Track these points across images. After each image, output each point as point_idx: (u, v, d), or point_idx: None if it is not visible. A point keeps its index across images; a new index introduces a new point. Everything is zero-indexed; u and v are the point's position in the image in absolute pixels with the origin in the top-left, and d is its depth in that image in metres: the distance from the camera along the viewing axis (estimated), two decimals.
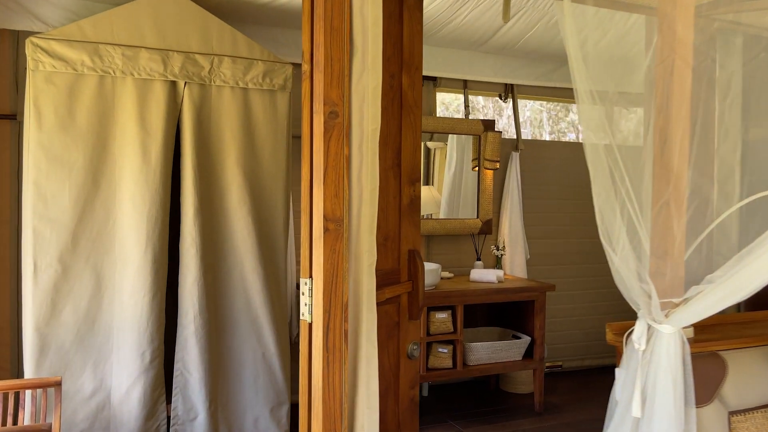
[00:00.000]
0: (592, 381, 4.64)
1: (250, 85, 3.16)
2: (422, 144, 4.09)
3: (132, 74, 2.92)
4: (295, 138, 3.86)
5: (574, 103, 5.10)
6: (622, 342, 1.87)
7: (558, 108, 5.89)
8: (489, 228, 4.37)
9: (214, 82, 3.09)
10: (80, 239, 2.87)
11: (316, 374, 1.46)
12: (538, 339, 3.93)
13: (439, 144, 4.23)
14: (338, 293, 1.45)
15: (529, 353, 3.98)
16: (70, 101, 2.84)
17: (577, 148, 4.80)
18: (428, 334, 3.65)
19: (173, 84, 3.02)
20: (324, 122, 1.43)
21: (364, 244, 1.52)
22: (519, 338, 4.01)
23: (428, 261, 4.30)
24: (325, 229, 1.44)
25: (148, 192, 2.94)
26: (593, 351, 4.91)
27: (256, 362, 3.21)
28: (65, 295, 2.85)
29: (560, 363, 4.78)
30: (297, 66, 3.82)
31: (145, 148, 2.94)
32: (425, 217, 4.16)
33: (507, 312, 4.23)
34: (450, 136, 4.22)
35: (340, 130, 1.45)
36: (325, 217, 1.44)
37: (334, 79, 1.44)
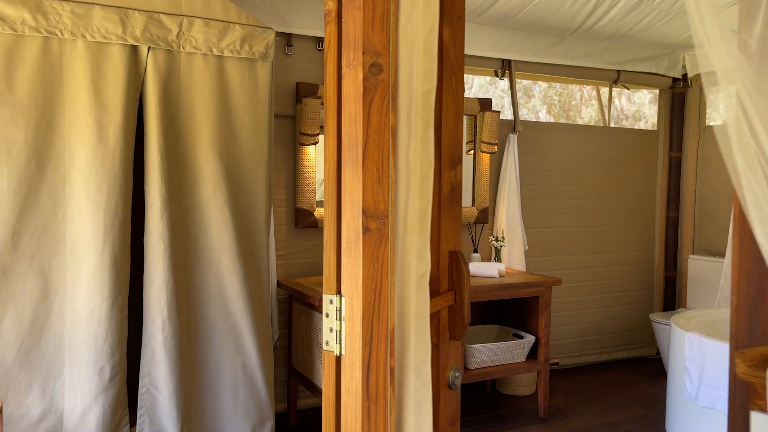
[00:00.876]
0: (591, 379, 4.36)
1: (226, 53, 2.70)
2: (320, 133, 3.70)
3: (83, 36, 2.43)
4: (276, 117, 3.42)
5: (572, 83, 4.80)
6: (764, 378, 1.41)
7: (573, 89, 5.56)
8: (485, 217, 4.01)
9: (184, 48, 2.62)
10: (22, 236, 2.38)
11: (350, 427, 1.06)
12: (542, 338, 3.60)
13: None
14: (382, 317, 1.05)
15: (532, 354, 3.65)
16: (8, 68, 2.34)
17: (576, 130, 4.48)
18: None
19: (134, 49, 2.54)
20: (363, 79, 1.02)
21: (413, 247, 1.12)
22: (521, 337, 3.68)
23: None
24: (365, 229, 1.03)
25: (106, 179, 2.47)
26: (590, 347, 4.63)
27: (236, 374, 2.78)
28: (5, 302, 2.37)
29: (557, 360, 4.48)
30: (278, 34, 3.37)
31: (100, 125, 2.46)
32: None
33: (506, 308, 3.89)
34: None
35: (385, 90, 1.04)
36: (364, 212, 1.03)
37: (377, 18, 1.03)
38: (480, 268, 3.61)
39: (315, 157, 3.52)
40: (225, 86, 2.72)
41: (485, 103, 3.96)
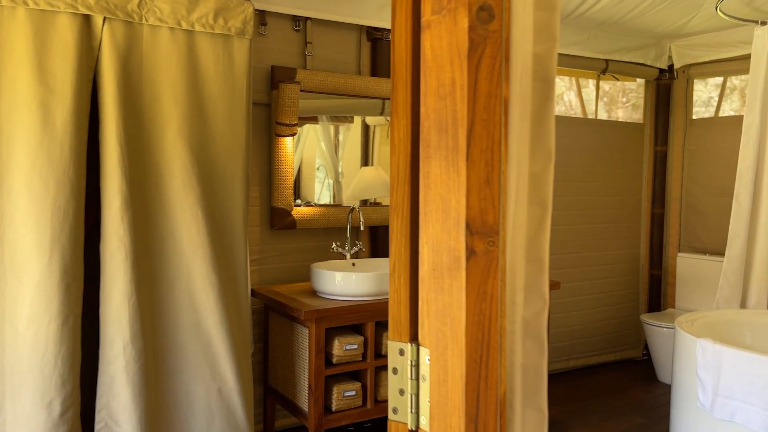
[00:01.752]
0: (583, 385, 4.14)
1: (197, 27, 2.30)
2: (360, 120, 3.37)
3: (25, 3, 2.01)
4: (255, 105, 3.03)
5: (561, 73, 4.53)
6: None
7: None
8: None
9: (146, 20, 2.21)
10: None
11: None
12: None
13: (378, 119, 3.46)
14: (491, 381, 0.72)
15: None
16: None
17: (565, 122, 4.24)
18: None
19: (86, 19, 2.13)
20: (469, 29, 0.68)
21: (520, 275, 0.79)
22: None
23: None
24: (470, 253, 0.70)
25: (53, 174, 2.05)
26: (578, 350, 4.41)
27: (210, 401, 2.40)
28: None
29: None
30: (256, 11, 2.98)
31: (46, 110, 2.04)
32: (372, 202, 3.43)
33: None
34: None
35: (497, 47, 0.70)
36: (469, 226, 0.70)
37: None
38: None
39: (293, 149, 3.15)
40: (196, 66, 2.33)
41: None
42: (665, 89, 4.67)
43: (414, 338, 0.79)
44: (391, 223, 0.80)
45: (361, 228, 3.02)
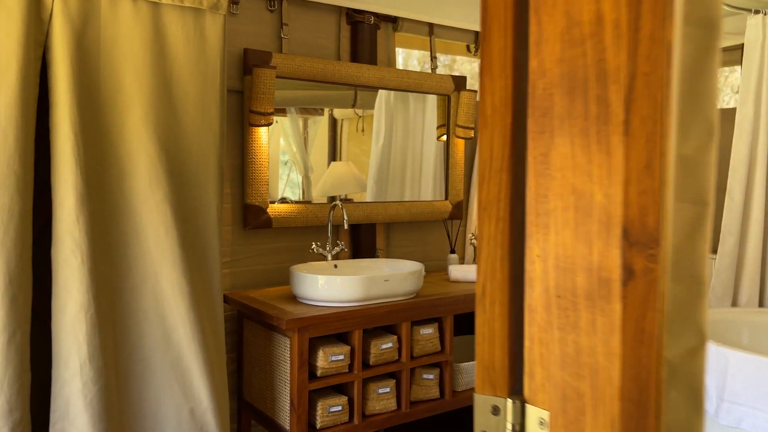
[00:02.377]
0: None
1: None
2: (328, 113, 3.12)
3: None
4: (237, 93, 2.74)
5: None
6: None
7: None
8: (460, 212, 3.51)
9: None
10: None
11: None
12: None
13: (347, 112, 3.20)
14: None
15: None
16: None
17: None
18: (412, 357, 2.74)
19: None
20: None
21: (670, 298, 0.56)
22: None
23: (390, 256, 3.38)
24: (627, 273, 0.47)
25: None
26: None
27: (182, 424, 2.13)
28: None
29: None
30: None
31: None
32: (343, 198, 3.18)
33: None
34: (379, 98, 3.22)
35: None
36: (626, 234, 0.46)
37: None
38: (465, 273, 3.11)
39: (268, 141, 2.88)
40: (163, 44, 2.04)
41: (460, 82, 3.45)
42: None
43: (515, 392, 0.55)
44: (480, 228, 0.57)
45: (345, 226, 2.77)
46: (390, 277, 2.59)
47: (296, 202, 3.02)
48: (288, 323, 2.32)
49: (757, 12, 3.45)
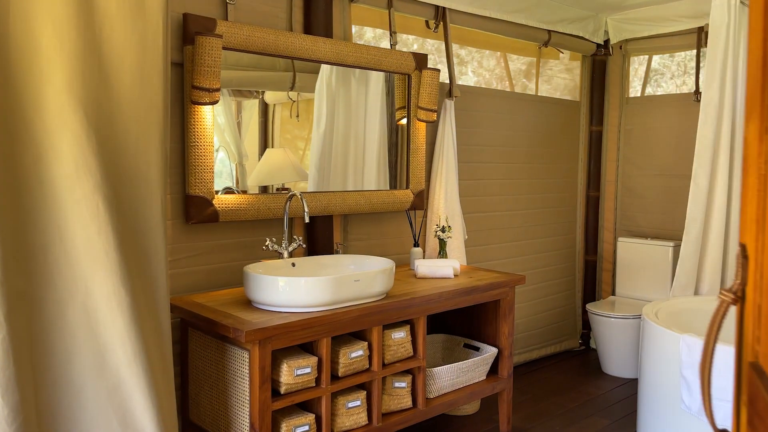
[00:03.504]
0: (531, 385, 3.82)
1: None
2: (259, 96, 2.74)
3: None
4: (175, 65, 2.33)
5: (502, 48, 4.13)
6: None
7: None
8: (421, 202, 3.24)
9: None
10: None
11: None
12: (506, 349, 2.94)
13: (280, 96, 2.83)
14: None
15: (493, 369, 2.98)
16: None
17: (511, 98, 3.86)
18: (383, 364, 2.45)
19: None
20: None
21: None
22: (476, 349, 2.99)
23: (347, 251, 3.07)
24: None
25: None
26: (520, 345, 4.10)
27: None
28: None
29: None
30: None
31: None
32: (281, 187, 2.83)
33: (452, 312, 3.18)
34: (320, 81, 2.88)
35: None
36: None
37: None
38: (432, 268, 2.85)
39: (214, 121, 2.50)
40: (92, 1, 1.64)
41: (421, 60, 3.16)
42: (601, 65, 4.44)
43: None
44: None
45: (306, 219, 2.44)
46: (360, 276, 2.29)
47: (245, 193, 2.65)
48: (249, 335, 1.97)
49: None
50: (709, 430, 2.62)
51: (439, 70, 3.13)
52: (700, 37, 3.95)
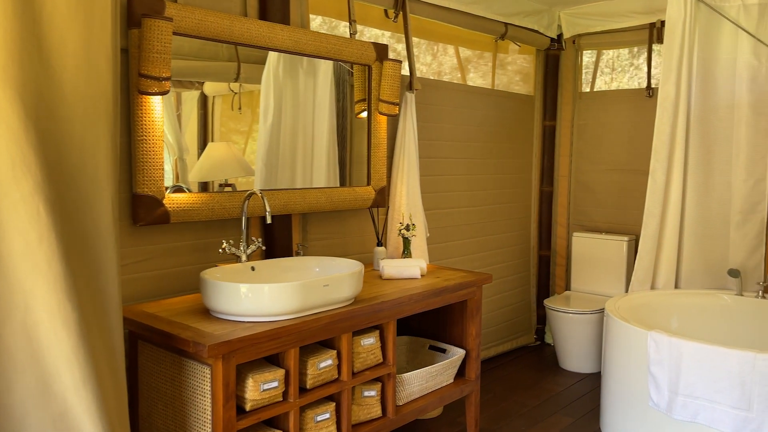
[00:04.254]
0: (491, 383, 3.77)
1: None
2: (200, 87, 2.52)
3: None
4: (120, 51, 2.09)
5: (460, 42, 4.03)
6: None
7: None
8: (383, 199, 3.10)
9: None
10: None
11: None
12: (473, 350, 2.85)
13: (220, 88, 2.63)
14: None
15: (459, 371, 2.89)
16: None
17: (469, 92, 3.77)
18: (353, 373, 2.30)
19: None
20: None
21: None
22: (443, 351, 2.89)
23: (309, 252, 2.90)
24: None
25: None
26: (488, 339, 4.03)
27: None
28: None
29: None
30: None
31: None
32: (224, 183, 2.63)
33: (417, 313, 3.06)
34: (267, 71, 2.68)
35: None
36: None
37: None
38: (399, 269, 2.72)
39: (163, 113, 2.28)
40: None
41: (382, 50, 3.02)
42: (554, 60, 4.42)
43: None
44: None
45: (268, 219, 2.26)
46: (329, 281, 2.13)
47: (199, 192, 2.45)
48: (212, 349, 1.79)
49: None
50: (675, 426, 2.62)
51: (401, 62, 2.99)
52: (651, 33, 3.98)
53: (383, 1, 3.15)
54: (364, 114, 3.04)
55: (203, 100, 2.58)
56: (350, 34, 2.98)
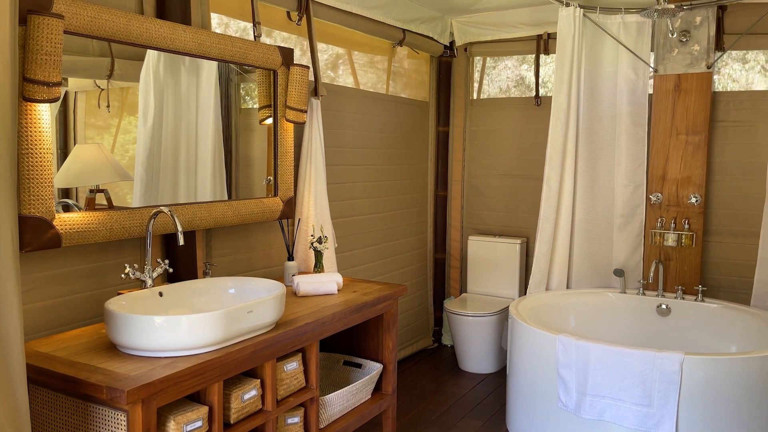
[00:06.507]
0: (404, 386, 3.74)
1: None
2: (65, 85, 2.28)
3: None
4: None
5: (361, 47, 3.93)
6: None
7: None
8: (291, 210, 2.96)
9: None
10: None
11: None
12: (390, 364, 2.81)
13: (84, 83, 2.41)
14: None
15: (377, 386, 2.84)
16: None
17: (368, 98, 3.71)
18: (277, 402, 2.16)
19: None
20: None
21: None
22: (358, 366, 2.82)
23: (218, 272, 2.70)
24: None
25: None
26: None
27: None
28: None
29: None
30: None
31: None
32: (95, 189, 2.38)
33: None
34: (146, 68, 2.45)
35: None
36: None
37: None
38: (315, 285, 2.61)
39: (54, 123, 2.00)
40: None
41: (288, 54, 2.88)
42: (446, 67, 4.49)
43: None
44: None
45: (180, 241, 2.05)
46: (253, 307, 1.98)
47: (96, 209, 2.18)
48: (131, 395, 1.58)
49: (568, 5, 3.53)
50: (582, 425, 2.75)
51: (308, 67, 2.87)
52: (539, 44, 4.16)
53: (287, 2, 3.01)
54: (269, 121, 2.88)
55: (65, 96, 2.28)
56: (254, 36, 2.81)
